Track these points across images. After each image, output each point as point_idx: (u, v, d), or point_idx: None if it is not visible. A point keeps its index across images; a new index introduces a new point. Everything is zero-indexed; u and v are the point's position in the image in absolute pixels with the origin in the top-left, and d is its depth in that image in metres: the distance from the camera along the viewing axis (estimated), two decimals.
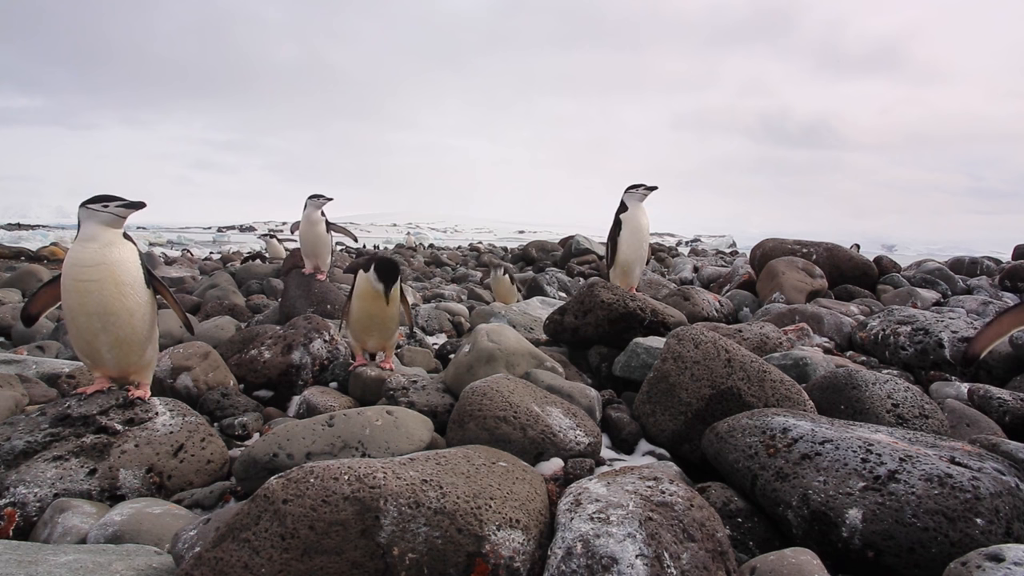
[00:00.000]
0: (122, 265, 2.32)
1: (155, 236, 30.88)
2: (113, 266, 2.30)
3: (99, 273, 2.28)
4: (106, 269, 2.28)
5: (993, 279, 7.49)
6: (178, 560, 1.70)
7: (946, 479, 1.68)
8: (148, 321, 2.44)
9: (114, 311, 2.30)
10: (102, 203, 2.34)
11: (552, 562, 1.47)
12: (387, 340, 3.41)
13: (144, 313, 2.40)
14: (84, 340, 2.36)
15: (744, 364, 2.53)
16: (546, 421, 2.31)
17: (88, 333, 2.33)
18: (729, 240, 29.52)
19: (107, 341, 2.34)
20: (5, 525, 1.89)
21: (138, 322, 2.37)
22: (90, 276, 2.28)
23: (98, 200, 2.36)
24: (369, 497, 1.52)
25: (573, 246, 12.24)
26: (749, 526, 1.90)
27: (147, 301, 2.40)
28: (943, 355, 3.55)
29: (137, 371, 2.51)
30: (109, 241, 2.33)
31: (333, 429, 2.20)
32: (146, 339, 2.45)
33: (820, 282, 5.92)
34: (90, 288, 2.28)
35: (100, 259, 2.29)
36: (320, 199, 5.35)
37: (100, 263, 2.29)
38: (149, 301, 2.42)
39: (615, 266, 4.47)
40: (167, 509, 2.05)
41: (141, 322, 2.39)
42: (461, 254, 17.06)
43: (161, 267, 10.36)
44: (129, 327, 2.35)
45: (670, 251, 18.39)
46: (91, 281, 2.28)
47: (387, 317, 3.32)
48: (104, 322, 2.30)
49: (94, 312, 2.29)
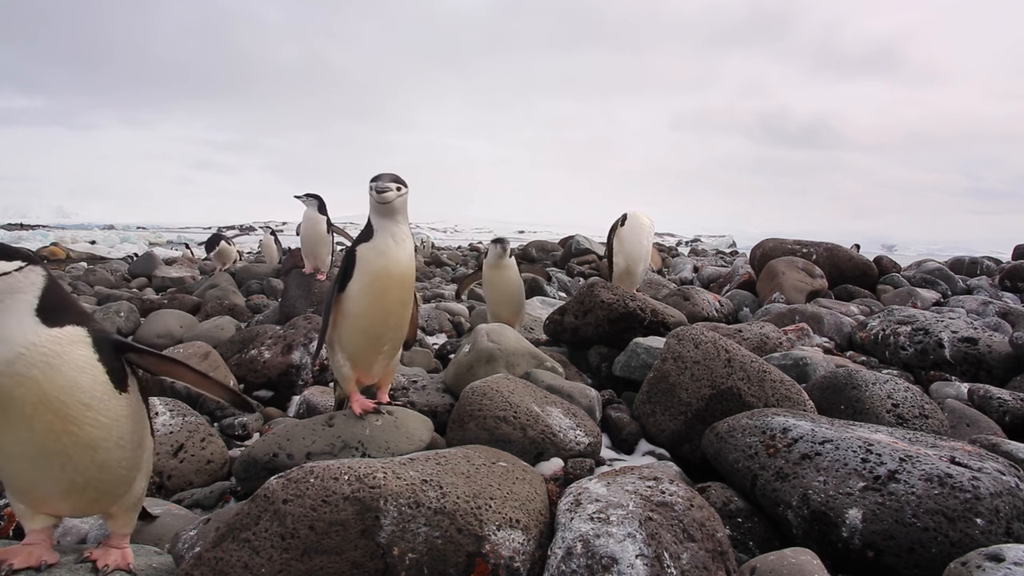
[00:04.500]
0: (57, 376, 1.34)
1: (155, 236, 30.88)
2: (40, 383, 1.32)
3: (17, 398, 1.31)
4: (26, 390, 1.31)
5: (993, 279, 7.49)
6: (178, 560, 1.71)
7: (946, 479, 1.68)
8: (129, 442, 1.48)
9: (60, 452, 1.37)
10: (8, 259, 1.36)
11: (552, 562, 1.47)
12: (392, 359, 2.42)
13: (119, 436, 1.44)
14: (21, 483, 1.44)
15: (744, 364, 2.53)
16: (546, 421, 2.31)
17: (23, 480, 1.43)
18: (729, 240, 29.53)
19: (57, 489, 1.42)
20: (5, 525, 1.89)
21: (108, 455, 1.43)
22: (2, 407, 1.31)
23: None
24: (369, 497, 1.52)
25: (573, 246, 12.23)
26: (749, 526, 1.90)
27: (122, 415, 1.44)
28: (943, 355, 3.55)
29: (113, 514, 1.55)
30: (21, 341, 1.32)
31: (333, 429, 2.20)
32: (128, 471, 1.50)
33: (820, 282, 5.92)
34: (5, 424, 1.33)
35: (10, 379, 1.30)
36: (307, 198, 5.41)
37: (18, 374, 1.31)
38: (125, 412, 1.45)
39: (615, 267, 4.52)
40: (167, 509, 2.05)
41: (115, 452, 1.44)
42: (461, 254, 17.06)
43: (161, 267, 10.36)
44: (92, 467, 1.42)
45: (670, 251, 18.40)
46: (4, 416, 1.32)
47: (408, 311, 2.37)
48: (47, 466, 1.38)
49: (22, 457, 1.38)
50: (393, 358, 2.42)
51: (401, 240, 2.21)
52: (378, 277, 2.19)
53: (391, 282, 2.21)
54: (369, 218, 2.24)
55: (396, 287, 2.22)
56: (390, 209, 2.18)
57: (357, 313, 2.21)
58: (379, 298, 2.20)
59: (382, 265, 2.18)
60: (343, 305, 2.21)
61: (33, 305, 1.36)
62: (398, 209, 2.20)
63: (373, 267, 2.18)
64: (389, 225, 2.20)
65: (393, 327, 2.29)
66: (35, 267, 1.39)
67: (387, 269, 2.18)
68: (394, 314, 2.27)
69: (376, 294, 2.20)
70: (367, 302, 2.20)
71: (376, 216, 2.21)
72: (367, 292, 2.19)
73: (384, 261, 2.18)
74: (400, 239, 2.20)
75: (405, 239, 2.22)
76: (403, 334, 2.40)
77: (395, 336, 2.33)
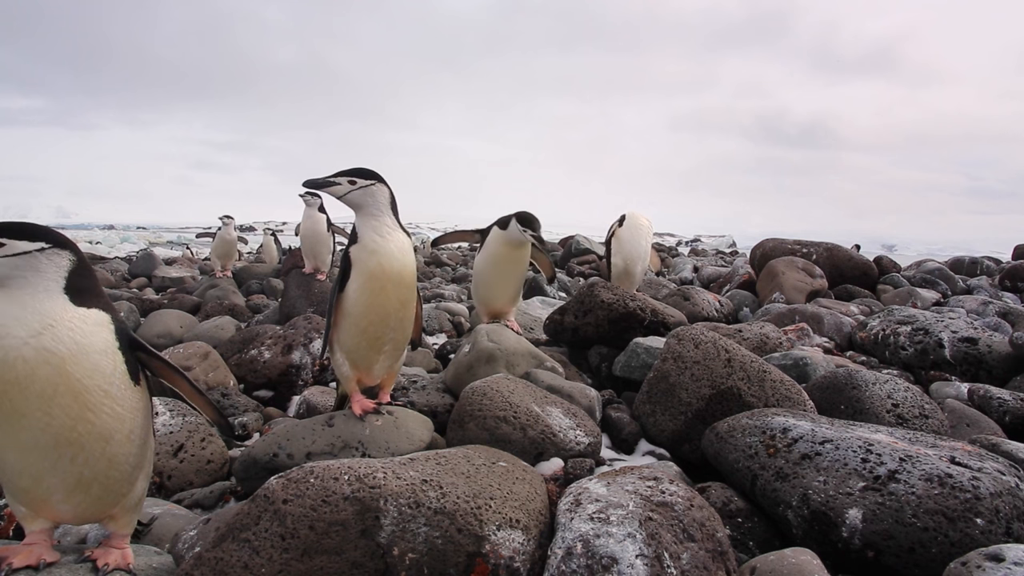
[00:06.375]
0: (82, 356, 1.35)
1: (155, 236, 30.87)
2: (64, 361, 1.32)
3: (40, 377, 1.30)
4: (51, 368, 1.31)
5: (993, 279, 7.49)
6: (178, 560, 1.71)
7: (946, 479, 1.68)
8: (138, 437, 1.48)
9: (74, 441, 1.35)
10: (31, 239, 1.36)
11: (552, 562, 1.47)
12: (397, 359, 2.39)
13: (131, 429, 1.44)
14: (25, 480, 1.39)
15: (744, 364, 2.53)
16: (546, 421, 2.31)
17: (28, 476, 1.38)
18: (729, 240, 29.49)
19: (63, 484, 1.39)
20: (5, 525, 1.89)
21: (118, 448, 1.43)
22: (20, 387, 1.29)
23: (17, 231, 1.35)
24: (369, 497, 1.52)
25: (573, 246, 12.23)
26: (749, 526, 1.90)
27: (136, 407, 1.46)
28: (943, 355, 3.55)
29: (114, 516, 1.53)
30: (50, 314, 1.33)
31: (333, 429, 2.20)
32: (133, 469, 1.49)
33: (820, 282, 5.92)
34: (22, 407, 1.31)
35: (35, 352, 1.30)
36: (316, 198, 5.40)
37: (44, 348, 1.31)
38: (138, 405, 1.46)
39: (613, 267, 4.53)
40: (167, 509, 2.05)
41: (125, 446, 1.44)
42: (461, 254, 17.06)
43: (161, 267, 10.35)
44: (103, 460, 1.41)
45: (670, 251, 18.39)
46: (23, 397, 1.30)
47: (410, 310, 2.32)
48: (57, 457, 1.36)
49: (33, 447, 1.34)
50: (396, 360, 2.39)
51: (386, 233, 2.20)
52: (373, 275, 2.17)
53: (387, 280, 2.18)
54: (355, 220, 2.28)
55: (393, 284, 2.20)
56: (352, 203, 2.20)
57: (356, 313, 2.20)
58: (376, 297, 2.19)
59: (376, 262, 2.17)
60: (343, 305, 2.22)
61: (61, 285, 1.38)
62: (363, 203, 2.20)
63: (368, 266, 2.18)
64: (369, 221, 2.21)
65: (394, 327, 2.26)
66: (62, 250, 1.40)
67: (381, 266, 2.17)
68: (393, 313, 2.24)
69: (373, 293, 2.18)
70: (364, 301, 2.19)
71: (356, 215, 2.24)
72: (363, 291, 2.18)
73: (377, 258, 2.17)
74: (384, 232, 2.20)
75: (391, 232, 2.21)
76: (405, 335, 2.36)
77: (396, 336, 2.30)
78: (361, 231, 2.21)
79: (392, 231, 2.22)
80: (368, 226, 2.21)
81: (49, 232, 1.41)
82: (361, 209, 2.21)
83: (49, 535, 1.48)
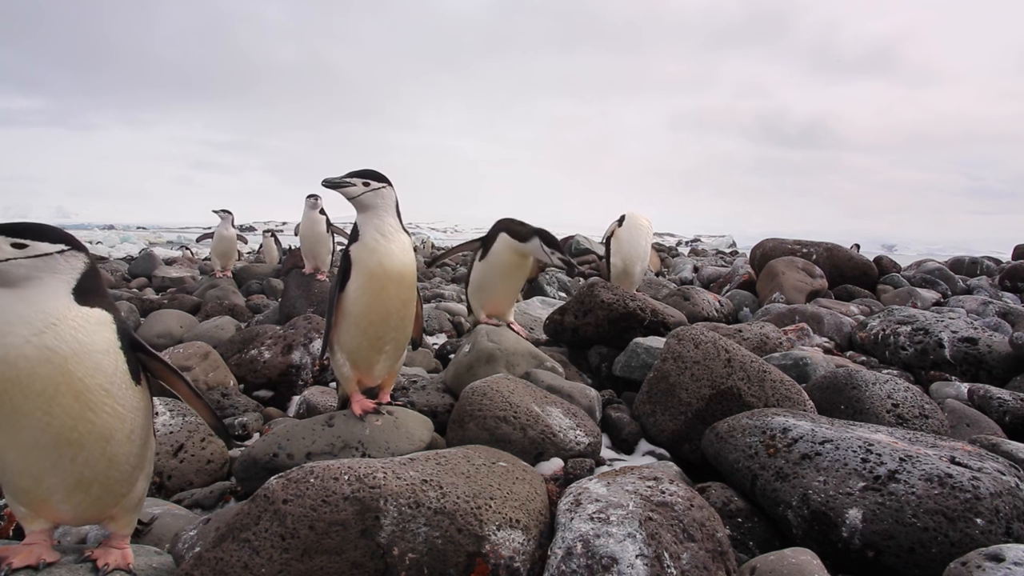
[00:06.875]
0: (84, 355, 1.35)
1: (155, 236, 30.87)
2: (66, 360, 1.32)
3: (41, 376, 1.30)
4: (53, 367, 1.31)
5: (993, 279, 7.50)
6: (178, 560, 1.71)
7: (946, 479, 1.68)
8: (139, 438, 1.48)
9: (74, 441, 1.35)
10: (52, 241, 1.39)
11: (552, 562, 1.47)
12: (398, 359, 2.38)
13: (131, 429, 1.44)
14: (25, 480, 1.39)
15: (744, 364, 2.53)
16: (546, 421, 2.31)
17: (28, 476, 1.38)
18: (729, 240, 29.49)
19: (63, 484, 1.39)
20: (5, 525, 1.89)
21: (119, 448, 1.42)
22: (21, 386, 1.29)
23: (39, 233, 1.37)
24: (369, 497, 1.52)
25: (573, 246, 12.23)
26: (749, 526, 1.90)
27: (136, 407, 1.46)
28: (943, 355, 3.55)
29: (114, 516, 1.53)
30: (53, 312, 1.34)
31: (333, 429, 2.20)
32: (133, 469, 1.49)
33: (820, 282, 5.92)
34: (23, 406, 1.30)
35: (37, 351, 1.30)
36: (316, 199, 5.41)
37: (46, 347, 1.31)
38: (139, 405, 1.46)
39: (612, 268, 4.52)
40: (167, 509, 2.05)
41: (126, 446, 1.44)
42: (461, 254, 17.06)
43: (161, 267, 10.35)
44: (103, 460, 1.41)
45: (670, 251, 18.38)
46: (24, 395, 1.30)
47: (410, 309, 2.32)
48: (58, 457, 1.36)
49: (34, 446, 1.34)
50: (396, 360, 2.38)
51: (389, 233, 2.20)
52: (374, 275, 2.17)
53: (388, 280, 2.17)
54: (356, 219, 2.27)
55: (394, 284, 2.19)
56: (362, 205, 2.20)
57: (356, 312, 2.19)
58: (377, 296, 2.18)
59: (376, 261, 2.17)
60: (343, 305, 2.21)
61: (70, 286, 1.40)
62: (372, 205, 2.20)
63: (368, 265, 2.17)
64: (372, 220, 2.21)
65: (394, 327, 2.26)
66: (79, 253, 1.44)
67: (382, 265, 2.17)
68: (395, 313, 2.23)
69: (374, 292, 2.18)
70: (365, 301, 2.18)
71: (359, 215, 2.24)
72: (364, 291, 2.18)
73: (378, 257, 2.16)
74: (387, 232, 2.20)
75: (393, 232, 2.22)
76: (405, 335, 2.35)
77: (397, 336, 2.29)
78: (363, 230, 2.21)
79: (395, 232, 2.23)
80: (371, 225, 2.21)
81: (67, 235, 1.44)
82: (368, 210, 2.22)
83: (49, 535, 1.47)
